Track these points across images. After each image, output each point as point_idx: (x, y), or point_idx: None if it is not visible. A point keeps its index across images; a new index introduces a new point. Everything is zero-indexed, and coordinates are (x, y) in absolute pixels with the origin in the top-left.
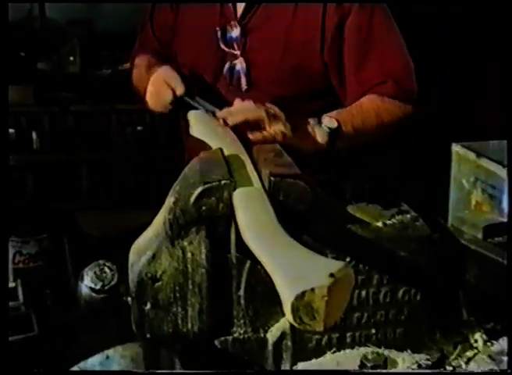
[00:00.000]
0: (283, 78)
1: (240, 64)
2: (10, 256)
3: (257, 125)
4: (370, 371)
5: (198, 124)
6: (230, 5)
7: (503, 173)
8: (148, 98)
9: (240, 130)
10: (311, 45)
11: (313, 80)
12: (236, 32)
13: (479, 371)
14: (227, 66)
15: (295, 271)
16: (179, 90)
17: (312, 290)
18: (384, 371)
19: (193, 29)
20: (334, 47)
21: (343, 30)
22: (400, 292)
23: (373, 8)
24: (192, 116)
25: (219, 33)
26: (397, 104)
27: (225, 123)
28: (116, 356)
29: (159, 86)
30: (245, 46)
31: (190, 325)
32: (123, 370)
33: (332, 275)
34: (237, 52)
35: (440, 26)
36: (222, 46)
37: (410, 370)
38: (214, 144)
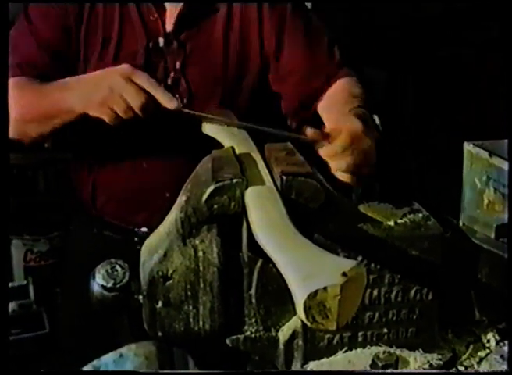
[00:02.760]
0: (225, 87)
1: (177, 80)
2: (21, 254)
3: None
4: (380, 371)
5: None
6: (156, 19)
7: None
8: (79, 96)
9: None
10: (249, 44)
11: (251, 83)
12: (171, 46)
13: (490, 371)
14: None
15: (307, 270)
16: (173, 103)
17: (325, 289)
18: (396, 371)
19: (110, 53)
20: (273, 40)
21: (284, 21)
22: (412, 291)
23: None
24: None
25: (150, 50)
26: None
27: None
28: (130, 354)
29: (112, 82)
30: (184, 60)
31: (201, 323)
32: (130, 371)
33: (344, 274)
34: (175, 67)
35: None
36: (160, 62)
37: (422, 370)
38: (226, 142)
